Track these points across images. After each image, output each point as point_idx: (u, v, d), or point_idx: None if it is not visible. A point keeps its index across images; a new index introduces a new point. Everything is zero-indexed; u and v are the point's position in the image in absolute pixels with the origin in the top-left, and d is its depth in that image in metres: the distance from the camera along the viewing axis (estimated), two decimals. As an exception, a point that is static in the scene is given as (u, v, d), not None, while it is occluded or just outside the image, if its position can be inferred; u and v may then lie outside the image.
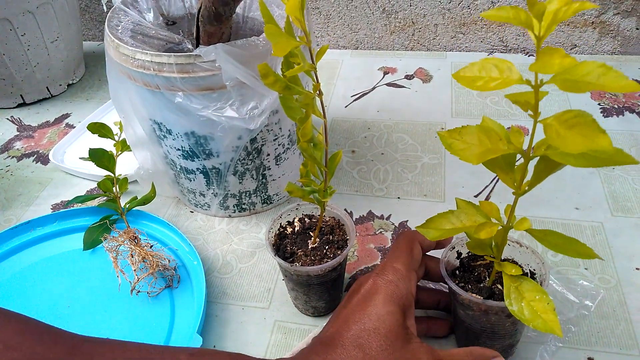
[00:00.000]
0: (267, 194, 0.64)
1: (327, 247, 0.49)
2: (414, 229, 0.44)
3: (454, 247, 0.46)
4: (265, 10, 0.36)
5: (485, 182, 0.65)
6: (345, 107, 0.81)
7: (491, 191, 0.64)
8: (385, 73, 0.89)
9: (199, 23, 0.48)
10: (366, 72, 0.89)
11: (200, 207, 0.66)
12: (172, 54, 0.49)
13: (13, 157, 0.79)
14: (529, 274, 0.45)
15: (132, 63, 0.51)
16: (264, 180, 0.62)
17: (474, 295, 0.42)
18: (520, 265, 0.45)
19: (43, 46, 0.84)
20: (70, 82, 0.94)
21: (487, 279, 0.44)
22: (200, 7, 0.46)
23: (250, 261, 0.60)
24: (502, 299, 0.40)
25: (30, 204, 0.70)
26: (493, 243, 0.42)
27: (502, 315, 0.41)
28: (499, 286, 0.43)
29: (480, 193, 0.64)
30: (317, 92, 0.37)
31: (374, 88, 0.85)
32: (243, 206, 0.64)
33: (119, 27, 0.56)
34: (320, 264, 0.48)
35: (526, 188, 0.36)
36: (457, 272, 0.45)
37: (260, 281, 0.57)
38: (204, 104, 0.51)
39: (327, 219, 0.52)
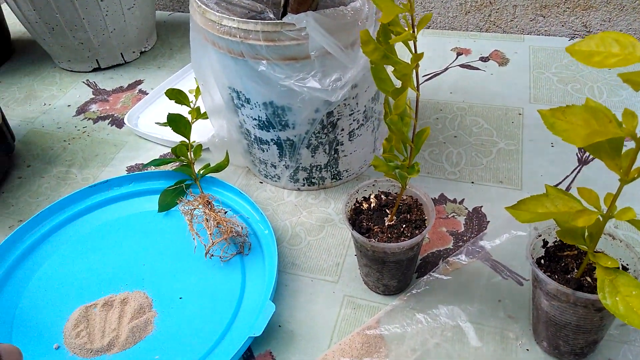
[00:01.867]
0: (337, 169, 0.64)
1: (404, 226, 0.49)
2: (505, 209, 0.41)
3: (540, 235, 0.45)
4: (370, -24, 0.35)
5: (566, 172, 0.63)
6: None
7: (572, 181, 0.61)
8: (459, 54, 0.86)
9: (292, -10, 0.47)
10: (438, 52, 0.87)
11: (270, 179, 0.66)
12: (259, 21, 0.49)
13: (89, 119, 0.81)
14: (621, 269, 0.43)
15: (217, 29, 0.52)
16: (335, 156, 0.62)
17: (563, 285, 0.40)
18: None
19: (120, 12, 0.86)
20: (143, 49, 0.96)
21: (576, 270, 0.42)
22: (296, -26, 0.46)
23: (319, 235, 0.60)
24: (592, 292, 0.38)
25: (106, 165, 0.72)
26: (587, 233, 0.40)
27: (592, 309, 0.39)
28: (588, 279, 0.41)
29: (560, 183, 0.61)
30: (416, 63, 0.36)
31: (446, 69, 0.83)
32: (312, 180, 0.64)
33: (205, -6, 0.57)
34: (397, 242, 0.47)
35: (635, 175, 0.34)
36: (543, 261, 0.44)
37: (329, 255, 0.58)
38: (287, 73, 0.51)
39: (405, 197, 0.51)
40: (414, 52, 0.36)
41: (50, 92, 0.88)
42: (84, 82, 0.90)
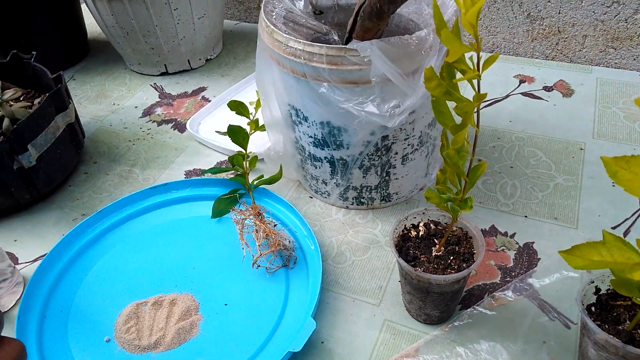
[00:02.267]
0: (387, 191, 0.64)
1: (451, 258, 0.48)
2: (558, 253, 0.40)
3: (593, 281, 0.43)
4: (438, 14, 0.35)
5: (626, 214, 0.60)
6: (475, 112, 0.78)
7: (631, 225, 0.59)
8: (522, 81, 0.84)
9: (358, 18, 0.48)
10: (500, 78, 0.85)
11: (320, 194, 0.68)
12: (325, 45, 0.50)
13: (154, 121, 0.85)
14: (678, 326, 0.41)
15: (283, 50, 0.53)
16: (387, 178, 0.62)
17: (612, 337, 0.39)
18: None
19: (191, 21, 0.90)
20: (209, 57, 1.00)
21: (628, 322, 0.41)
22: (364, 3, 0.46)
23: (364, 255, 0.60)
24: (645, 348, 0.37)
25: (166, 167, 0.76)
26: (644, 286, 0.38)
27: (643, 364, 0.38)
28: (642, 332, 0.40)
29: (618, 225, 0.59)
30: (479, 102, 0.36)
31: (507, 96, 0.81)
32: (362, 200, 0.65)
33: (273, 13, 0.59)
34: (444, 273, 0.47)
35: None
36: (593, 308, 0.43)
37: (373, 277, 0.58)
38: (347, 96, 0.52)
39: (455, 229, 0.51)
40: (477, 91, 0.36)
41: (120, 93, 0.93)
42: (151, 85, 0.94)
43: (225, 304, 0.56)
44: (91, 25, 1.09)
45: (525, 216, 0.62)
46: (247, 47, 1.03)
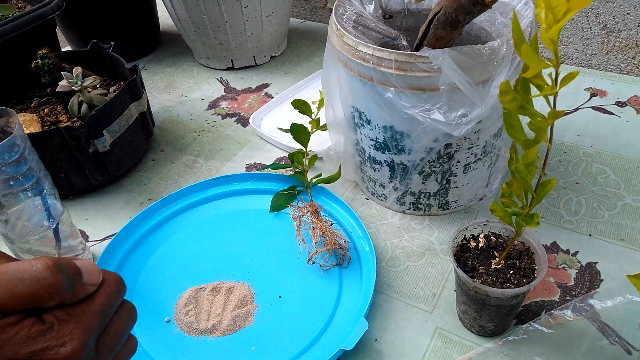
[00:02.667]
0: (446, 199, 0.64)
1: (511, 272, 0.48)
2: (626, 277, 0.40)
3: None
4: (517, 28, 0.35)
5: (700, 241, 0.57)
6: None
7: None
8: (593, 95, 0.81)
9: (431, 25, 0.48)
10: (570, 90, 0.83)
11: (377, 197, 0.68)
12: (394, 50, 0.51)
13: (219, 114, 0.88)
14: None
15: (352, 53, 0.54)
16: (446, 186, 0.62)
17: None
18: None
19: (259, 19, 0.92)
20: (273, 54, 1.02)
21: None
22: (439, 11, 0.47)
23: (418, 261, 0.60)
24: None
25: (228, 160, 0.78)
26: None
27: None
28: None
29: (691, 252, 0.56)
30: (554, 119, 0.36)
31: (577, 109, 0.79)
32: (419, 205, 0.65)
33: (344, 17, 0.60)
34: (503, 287, 0.46)
35: None
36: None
37: (426, 284, 0.58)
38: (413, 102, 0.52)
39: (516, 243, 0.50)
40: (553, 107, 0.36)
41: (188, 85, 0.96)
42: (217, 79, 0.97)
43: (280, 297, 0.58)
44: (163, 17, 1.13)
45: (590, 235, 0.60)
46: (311, 46, 1.04)
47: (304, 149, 0.70)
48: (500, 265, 0.48)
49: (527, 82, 0.37)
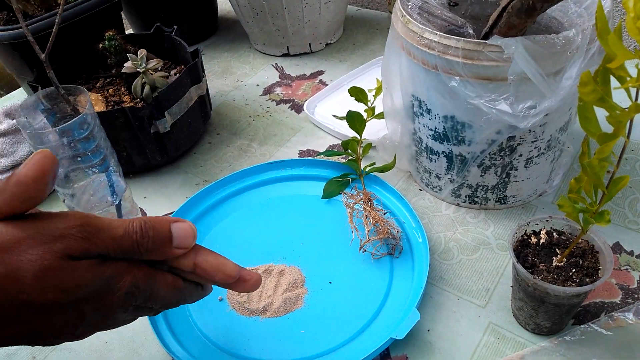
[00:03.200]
0: (504, 193, 0.62)
1: (573, 270, 0.46)
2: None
3: None
4: (602, 15, 0.33)
5: None
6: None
7: None
8: (665, 91, 0.77)
9: (504, 13, 0.47)
10: (639, 86, 0.79)
11: (431, 188, 0.67)
12: (462, 38, 0.50)
13: (273, 100, 0.89)
14: None
15: (417, 40, 0.53)
16: (506, 179, 0.61)
17: None
18: None
19: (317, 6, 0.92)
20: (329, 41, 1.01)
21: None
22: (514, -2, 0.45)
23: (472, 255, 0.59)
24: None
25: (281, 145, 0.79)
26: None
27: None
28: None
29: None
30: (636, 112, 0.34)
31: (646, 106, 0.75)
32: (475, 199, 0.64)
33: (409, 3, 0.59)
34: (564, 285, 0.45)
35: None
36: None
37: (480, 278, 0.57)
38: (478, 92, 0.51)
39: (580, 241, 0.48)
40: (635, 100, 0.34)
41: (244, 70, 0.98)
42: (273, 65, 0.98)
43: (330, 282, 0.58)
44: (222, 3, 1.15)
45: (657, 237, 0.57)
46: (367, 34, 1.04)
47: (359, 137, 0.69)
48: (562, 263, 0.47)
49: (607, 74, 0.36)
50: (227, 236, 0.65)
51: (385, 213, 0.63)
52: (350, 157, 0.70)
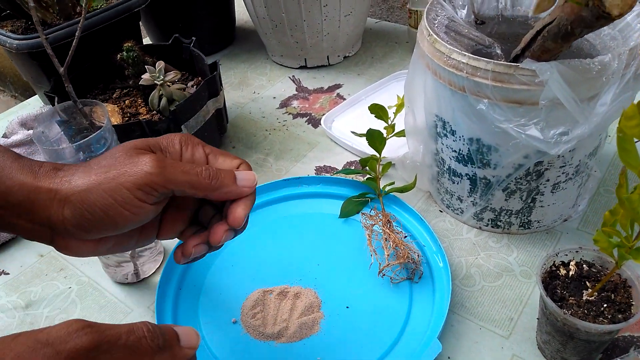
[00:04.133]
0: (528, 218, 0.60)
1: (605, 305, 0.44)
2: None
3: None
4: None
5: None
6: None
7: None
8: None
9: (539, 36, 0.45)
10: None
11: (453, 210, 0.65)
12: (492, 60, 0.48)
13: (290, 113, 0.88)
14: None
15: (444, 61, 0.52)
16: (531, 204, 0.59)
17: None
18: None
19: (337, 19, 0.91)
20: (347, 54, 1.00)
21: None
22: (551, 22, 0.43)
23: (495, 282, 0.57)
24: None
25: (298, 160, 0.78)
26: None
27: None
28: None
29: None
30: (684, 147, 0.32)
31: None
32: (498, 223, 0.62)
33: (436, 22, 0.57)
34: (595, 322, 0.43)
35: None
36: None
37: (503, 307, 0.55)
38: (507, 116, 0.49)
39: (613, 275, 0.46)
40: (685, 133, 0.32)
41: (260, 82, 0.96)
42: (290, 77, 0.97)
43: (347, 307, 0.57)
44: (239, 13, 1.14)
45: (690, 270, 0.55)
46: (386, 47, 1.02)
47: (378, 155, 0.68)
48: (593, 297, 0.45)
49: (652, 104, 0.34)
50: (242, 255, 0.64)
51: (405, 236, 0.61)
52: (368, 176, 0.68)
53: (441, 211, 0.67)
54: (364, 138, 0.67)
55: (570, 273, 0.47)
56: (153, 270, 0.63)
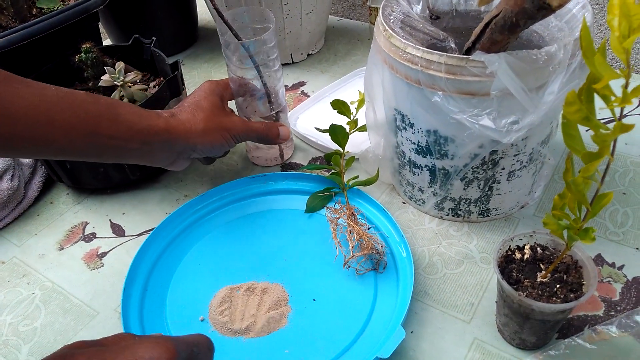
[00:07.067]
0: (487, 206, 0.62)
1: (558, 286, 0.46)
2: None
3: None
4: (587, 35, 0.33)
5: None
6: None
7: None
8: (642, 102, 0.78)
9: (487, 29, 0.47)
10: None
11: (415, 202, 0.67)
12: (445, 53, 0.49)
13: (254, 112, 0.88)
14: None
15: (400, 55, 0.53)
16: (488, 193, 0.61)
17: None
18: None
19: (299, 17, 0.92)
20: (310, 52, 1.01)
21: None
22: (497, 15, 0.45)
23: (456, 269, 0.59)
24: None
25: (263, 158, 0.78)
26: None
27: None
28: None
29: None
30: (621, 133, 0.34)
31: (624, 116, 0.76)
32: (458, 212, 0.64)
33: (391, 17, 0.58)
34: (549, 301, 0.45)
35: None
36: None
37: (464, 293, 0.57)
38: (461, 107, 0.51)
39: (564, 256, 0.48)
40: (619, 119, 0.34)
41: (224, 81, 0.96)
42: (253, 75, 0.97)
43: (314, 300, 0.57)
44: (202, 13, 1.14)
45: (637, 248, 0.58)
46: (348, 44, 1.03)
47: (342, 150, 0.69)
48: (546, 279, 0.47)
49: (592, 93, 0.36)
50: (209, 253, 0.64)
51: (369, 228, 0.62)
52: (333, 171, 0.69)
53: (404, 202, 0.69)
54: (328, 134, 0.68)
55: (525, 257, 0.49)
56: (289, 154, 0.78)
